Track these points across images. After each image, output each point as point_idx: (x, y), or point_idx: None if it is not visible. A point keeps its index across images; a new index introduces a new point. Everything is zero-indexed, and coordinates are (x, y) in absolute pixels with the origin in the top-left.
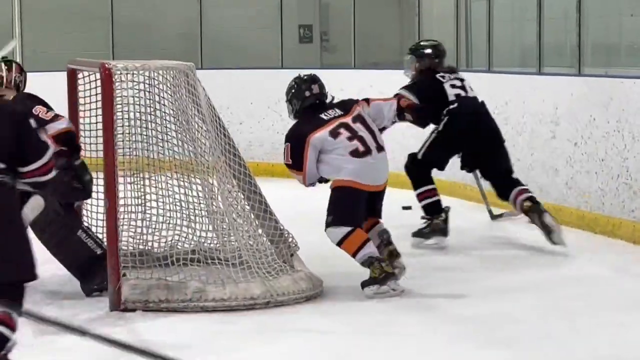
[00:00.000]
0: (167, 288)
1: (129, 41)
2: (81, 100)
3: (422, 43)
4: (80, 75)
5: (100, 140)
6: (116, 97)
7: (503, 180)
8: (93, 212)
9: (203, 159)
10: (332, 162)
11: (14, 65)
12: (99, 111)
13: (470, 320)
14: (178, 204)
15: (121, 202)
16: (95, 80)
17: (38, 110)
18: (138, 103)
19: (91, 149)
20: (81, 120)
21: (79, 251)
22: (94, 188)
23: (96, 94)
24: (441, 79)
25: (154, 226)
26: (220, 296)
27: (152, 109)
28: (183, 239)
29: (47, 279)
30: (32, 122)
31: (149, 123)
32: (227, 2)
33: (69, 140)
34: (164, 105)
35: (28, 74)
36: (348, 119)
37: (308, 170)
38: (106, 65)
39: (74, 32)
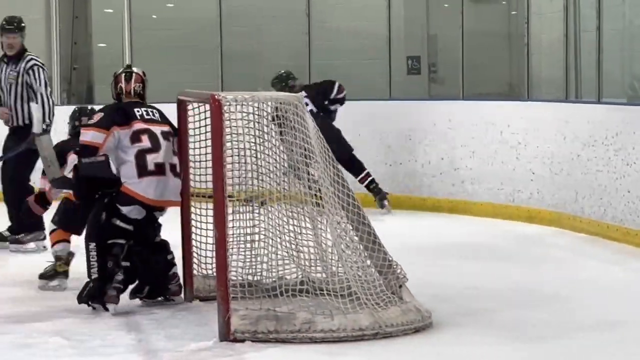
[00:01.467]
0: (276, 319)
1: (238, 72)
2: (190, 132)
3: None
4: (189, 107)
5: (210, 171)
6: (225, 128)
7: None
8: (202, 242)
9: (312, 190)
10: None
11: (133, 75)
12: (209, 142)
13: None
14: (287, 235)
15: (230, 232)
16: (205, 111)
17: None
18: (247, 134)
19: (200, 179)
20: (191, 152)
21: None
22: (204, 219)
23: (205, 125)
24: None
25: (262, 257)
26: (329, 327)
27: (261, 140)
28: (292, 270)
29: (156, 308)
30: None
31: (258, 154)
32: (335, 34)
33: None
34: (272, 136)
35: None
36: None
37: None
38: (216, 96)
39: (184, 64)
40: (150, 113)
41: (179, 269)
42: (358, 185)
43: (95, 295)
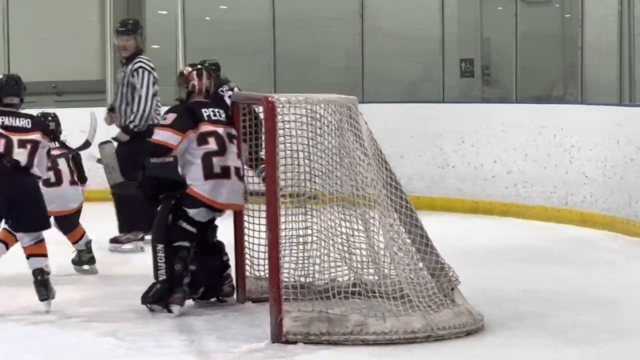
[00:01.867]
0: (329, 321)
1: (291, 74)
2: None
3: None
4: (243, 109)
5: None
6: (278, 129)
7: None
8: (255, 244)
9: (365, 192)
10: None
11: (204, 72)
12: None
13: None
14: (339, 237)
15: (283, 234)
16: (259, 113)
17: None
18: (300, 135)
19: (254, 181)
20: (244, 153)
21: (153, 260)
22: (257, 221)
23: (259, 127)
24: None
25: (315, 259)
26: (381, 329)
27: (314, 142)
28: (344, 272)
29: (208, 309)
30: None
31: (312, 156)
32: (389, 36)
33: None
34: (325, 138)
35: None
36: None
37: None
38: (269, 98)
39: (237, 66)
40: (217, 114)
41: (232, 270)
42: (411, 187)
43: (162, 297)
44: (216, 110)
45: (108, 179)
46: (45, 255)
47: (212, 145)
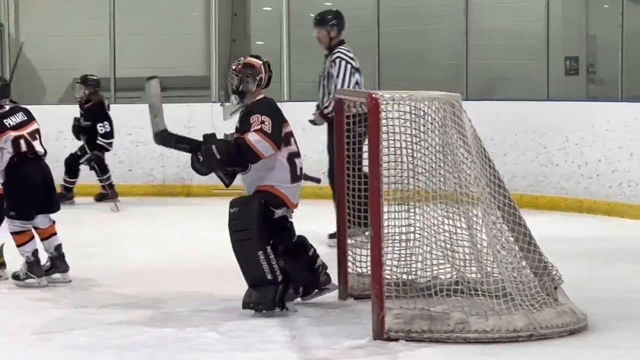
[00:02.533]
0: (430, 318)
1: (395, 71)
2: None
3: None
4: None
5: (366, 169)
6: (382, 127)
7: None
8: (358, 240)
9: (468, 190)
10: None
11: (268, 65)
12: (365, 140)
13: None
14: (442, 234)
15: (385, 231)
16: (362, 109)
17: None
18: (404, 132)
19: (355, 178)
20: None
21: (253, 268)
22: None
23: (363, 124)
24: None
25: (417, 256)
26: (483, 328)
27: (417, 139)
28: (446, 269)
29: (311, 305)
30: None
31: (415, 153)
32: (493, 33)
33: None
34: (428, 135)
35: (295, 104)
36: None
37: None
38: (373, 95)
39: None
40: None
41: (333, 266)
42: (514, 185)
43: (281, 298)
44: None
45: (151, 124)
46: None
47: (293, 146)
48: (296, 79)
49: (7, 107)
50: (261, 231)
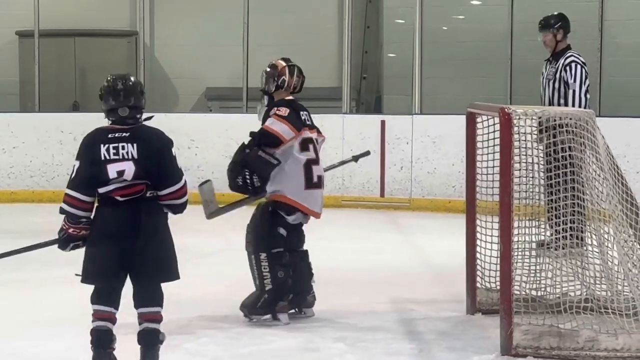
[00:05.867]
0: (559, 335)
1: (526, 86)
2: (479, 144)
3: None
4: (478, 119)
5: (497, 184)
6: (514, 141)
7: None
8: (487, 255)
9: (600, 207)
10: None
11: (296, 68)
12: (496, 155)
13: None
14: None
15: (515, 246)
16: (494, 124)
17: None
18: (536, 148)
19: (487, 192)
20: (478, 164)
21: (254, 271)
22: (489, 232)
23: (494, 138)
24: None
25: (547, 272)
26: (613, 346)
27: (549, 155)
28: (576, 286)
29: (438, 318)
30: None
31: (546, 168)
32: (628, 50)
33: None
34: (556, 152)
35: (426, 117)
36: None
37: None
38: (505, 109)
39: (473, 76)
40: (309, 117)
41: (456, 279)
42: None
43: (270, 306)
44: (306, 113)
45: (204, 210)
46: None
47: (311, 152)
48: (427, 93)
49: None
50: (258, 237)
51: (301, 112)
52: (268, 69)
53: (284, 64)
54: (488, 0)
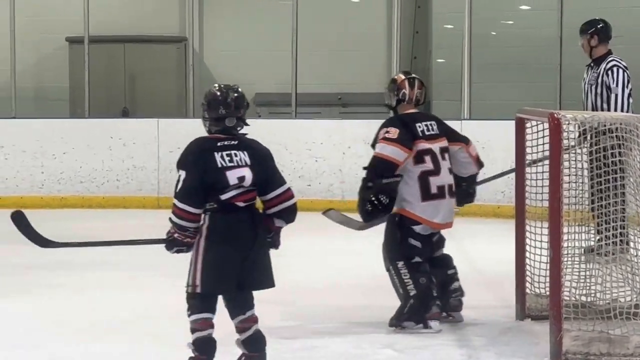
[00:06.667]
0: (609, 341)
1: (576, 92)
2: (528, 149)
3: None
4: (528, 125)
5: (546, 189)
6: (564, 147)
7: None
8: (536, 261)
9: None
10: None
11: (416, 81)
12: (546, 160)
13: None
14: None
15: (565, 252)
16: (543, 129)
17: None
18: (585, 153)
19: (536, 198)
20: (527, 169)
21: (396, 282)
22: (538, 237)
23: (543, 144)
24: None
25: (597, 278)
26: None
27: (598, 161)
28: (626, 292)
29: (487, 324)
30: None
31: (595, 173)
32: None
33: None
34: (606, 157)
35: (476, 122)
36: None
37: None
38: (555, 115)
39: (522, 82)
40: (430, 127)
41: (505, 285)
42: None
43: (417, 313)
44: (429, 123)
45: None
46: None
47: (428, 164)
48: (476, 98)
49: None
50: (392, 247)
51: (418, 124)
52: (388, 83)
53: (403, 77)
54: (537, 5)
